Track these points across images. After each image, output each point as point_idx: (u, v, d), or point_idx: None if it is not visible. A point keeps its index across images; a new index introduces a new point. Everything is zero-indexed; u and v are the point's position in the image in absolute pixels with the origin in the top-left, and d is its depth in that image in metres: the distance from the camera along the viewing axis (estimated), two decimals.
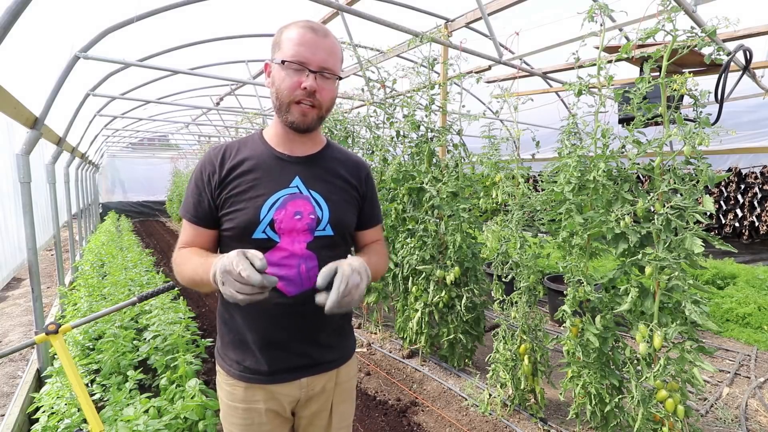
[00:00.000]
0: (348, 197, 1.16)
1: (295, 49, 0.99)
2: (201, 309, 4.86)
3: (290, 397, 1.12)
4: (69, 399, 2.13)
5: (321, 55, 1.00)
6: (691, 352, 1.83)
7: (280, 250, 1.05)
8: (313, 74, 1.00)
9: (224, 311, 1.14)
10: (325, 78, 1.02)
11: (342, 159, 1.20)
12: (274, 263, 1.05)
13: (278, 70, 1.02)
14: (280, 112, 1.05)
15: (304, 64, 0.99)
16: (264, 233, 1.04)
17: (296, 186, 1.09)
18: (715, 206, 3.46)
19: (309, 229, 1.07)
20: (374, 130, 4.17)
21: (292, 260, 1.06)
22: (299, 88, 1.00)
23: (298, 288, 1.06)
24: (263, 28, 4.26)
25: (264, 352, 1.08)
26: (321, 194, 1.10)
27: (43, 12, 2.58)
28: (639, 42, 1.90)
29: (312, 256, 1.07)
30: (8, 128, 5.15)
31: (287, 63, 0.99)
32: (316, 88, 1.00)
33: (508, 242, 2.73)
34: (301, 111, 1.02)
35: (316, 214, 1.08)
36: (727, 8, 2.12)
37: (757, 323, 4.18)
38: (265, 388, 1.10)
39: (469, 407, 2.87)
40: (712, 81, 2.33)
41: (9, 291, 5.63)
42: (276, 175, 1.08)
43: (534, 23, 3.73)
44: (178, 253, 1.10)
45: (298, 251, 1.06)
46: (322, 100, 1.03)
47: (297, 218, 1.06)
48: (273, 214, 1.05)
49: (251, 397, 1.10)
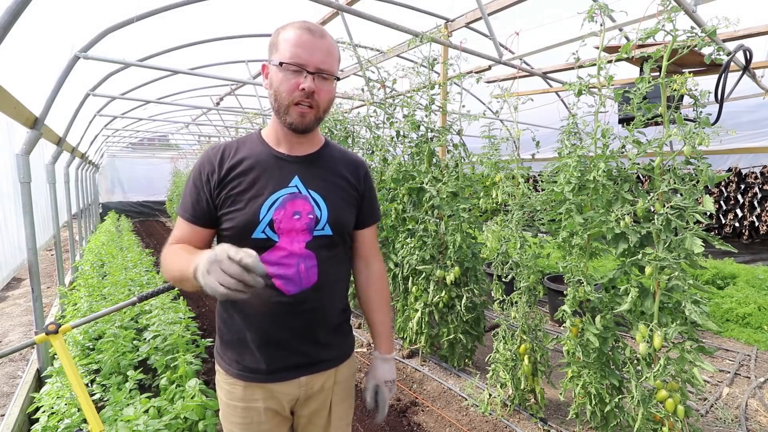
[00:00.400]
0: (347, 197, 1.17)
1: (292, 51, 0.99)
2: (201, 309, 4.86)
3: (289, 396, 1.12)
4: (69, 399, 2.13)
5: (318, 56, 1.00)
6: (691, 352, 1.83)
7: (279, 250, 1.06)
8: (311, 75, 1.00)
9: (223, 311, 1.14)
10: (323, 79, 1.02)
11: (340, 158, 1.20)
12: (273, 262, 1.05)
13: (276, 71, 1.02)
14: (279, 113, 1.05)
15: (302, 66, 0.99)
16: (263, 233, 1.05)
17: (295, 186, 1.09)
18: (715, 206, 3.46)
19: (308, 228, 1.07)
20: (374, 130, 4.17)
21: (291, 259, 1.06)
22: (297, 90, 1.00)
23: (297, 287, 1.06)
24: (263, 28, 4.26)
25: (263, 351, 1.09)
26: (320, 194, 1.11)
27: (43, 12, 2.58)
28: (639, 42, 1.90)
29: (311, 255, 1.08)
30: (8, 128, 5.15)
31: (285, 65, 0.99)
32: (314, 89, 1.00)
33: (508, 242, 2.73)
34: (300, 112, 1.03)
35: (314, 213, 1.08)
36: (727, 8, 2.12)
37: (757, 323, 4.18)
38: (264, 386, 1.10)
39: (469, 407, 2.87)
40: (712, 81, 2.33)
41: (9, 291, 5.63)
42: (275, 174, 1.08)
43: (534, 23, 3.73)
44: (168, 248, 1.08)
45: (297, 250, 1.06)
46: (320, 100, 1.04)
47: (296, 218, 1.06)
48: (272, 214, 1.05)
49: (250, 395, 1.10)
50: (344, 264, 1.21)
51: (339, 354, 1.19)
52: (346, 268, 1.23)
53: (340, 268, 1.17)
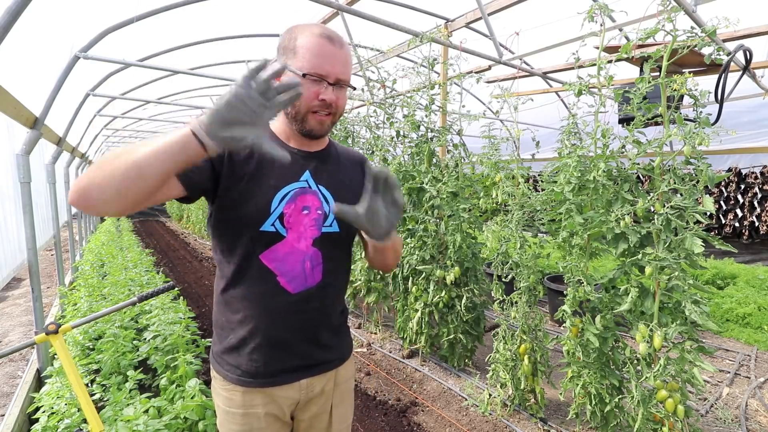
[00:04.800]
0: (354, 192, 1.14)
1: (314, 62, 0.98)
2: (201, 309, 4.86)
3: (289, 400, 1.11)
4: (69, 399, 2.13)
5: (339, 67, 1.00)
6: (691, 352, 1.83)
7: (286, 245, 1.04)
8: (331, 87, 1.00)
9: (221, 314, 1.11)
10: (341, 88, 1.03)
11: (346, 154, 1.21)
12: (278, 258, 1.03)
13: (293, 78, 0.98)
14: (295, 120, 1.03)
15: (323, 77, 0.99)
16: (273, 226, 1.02)
17: (306, 180, 1.08)
18: (715, 206, 3.46)
19: (316, 224, 1.07)
20: (374, 130, 4.17)
21: (296, 256, 1.05)
22: (317, 99, 1.00)
23: (302, 285, 1.05)
24: (263, 28, 4.26)
25: (263, 353, 1.06)
26: (329, 190, 1.10)
27: (43, 12, 2.58)
28: (639, 42, 1.90)
29: (317, 254, 1.07)
30: (8, 128, 5.15)
31: (308, 76, 0.98)
32: (335, 100, 1.01)
33: (508, 242, 2.73)
34: (319, 120, 1.03)
35: (323, 209, 1.08)
36: (727, 8, 2.12)
37: (757, 323, 4.18)
38: (264, 391, 1.08)
39: (469, 407, 2.87)
40: (712, 81, 2.33)
41: (9, 291, 5.63)
42: (287, 167, 1.06)
43: (534, 23, 3.73)
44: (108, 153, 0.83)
45: (303, 248, 1.05)
46: (338, 108, 1.05)
47: (305, 213, 1.05)
48: (283, 207, 1.03)
49: (250, 401, 1.07)
50: (346, 265, 1.20)
51: (338, 356, 1.19)
52: (348, 269, 1.23)
53: (342, 268, 1.17)
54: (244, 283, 1.05)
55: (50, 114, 2.93)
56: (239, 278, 1.05)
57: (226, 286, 1.07)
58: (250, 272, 1.04)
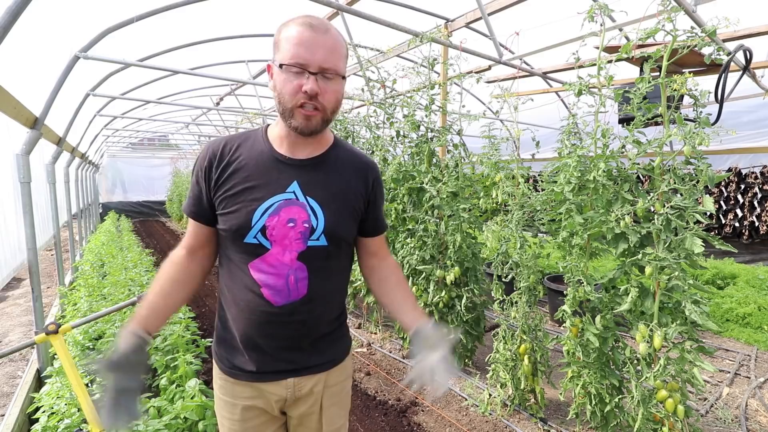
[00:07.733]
0: (348, 206, 1.10)
1: (293, 51, 0.93)
2: (201, 309, 4.86)
3: (277, 396, 1.11)
4: (69, 399, 2.13)
5: (320, 54, 0.93)
6: (691, 352, 1.83)
7: (271, 257, 1.02)
8: (313, 76, 0.94)
9: (219, 309, 1.15)
10: (327, 79, 0.96)
11: (349, 159, 1.14)
12: (263, 270, 1.03)
13: (279, 73, 0.96)
14: (284, 116, 1.00)
15: (303, 67, 0.93)
16: (255, 239, 1.02)
17: (293, 191, 1.03)
18: (715, 206, 3.46)
19: (302, 237, 1.03)
20: (374, 130, 4.17)
21: (281, 270, 1.03)
22: (300, 92, 0.94)
23: (285, 299, 1.03)
24: (263, 28, 4.26)
25: (249, 353, 1.09)
26: (318, 201, 1.05)
27: (43, 12, 2.58)
28: (639, 42, 1.90)
29: (302, 267, 1.04)
30: (8, 128, 5.15)
31: (286, 66, 0.94)
32: (317, 91, 0.94)
33: (508, 242, 2.73)
34: (305, 115, 0.97)
35: (310, 222, 1.03)
36: (727, 8, 2.12)
37: (757, 323, 4.18)
38: (252, 385, 1.10)
39: (469, 407, 2.87)
40: (712, 81, 2.33)
41: (9, 291, 5.63)
42: (273, 178, 1.04)
43: (534, 23, 3.72)
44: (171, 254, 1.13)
45: (287, 261, 1.02)
46: (326, 102, 0.97)
47: (290, 225, 1.02)
48: (266, 220, 1.01)
49: (239, 393, 1.11)
50: (341, 274, 1.15)
51: (330, 359, 1.16)
52: (344, 277, 1.17)
53: (335, 278, 1.13)
54: (233, 289, 1.07)
55: (50, 114, 2.93)
56: (231, 283, 1.08)
57: (222, 286, 1.13)
58: (240, 279, 1.06)
